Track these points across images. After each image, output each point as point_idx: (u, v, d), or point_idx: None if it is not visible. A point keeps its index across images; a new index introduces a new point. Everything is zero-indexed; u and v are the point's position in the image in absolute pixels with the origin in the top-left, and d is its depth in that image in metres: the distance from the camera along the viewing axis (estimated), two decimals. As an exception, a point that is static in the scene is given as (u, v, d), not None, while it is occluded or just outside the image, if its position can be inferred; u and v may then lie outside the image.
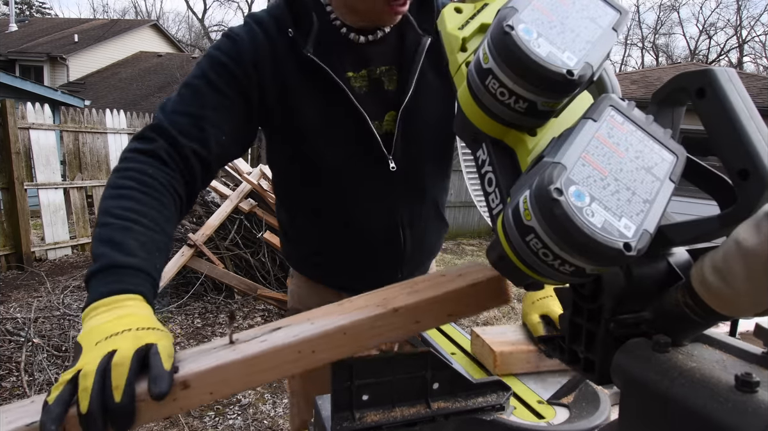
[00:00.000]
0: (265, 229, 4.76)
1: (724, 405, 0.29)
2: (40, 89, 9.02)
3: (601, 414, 0.69)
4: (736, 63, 26.54)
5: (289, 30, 0.98)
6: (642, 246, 0.38)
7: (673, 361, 0.34)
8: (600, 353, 0.44)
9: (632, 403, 0.36)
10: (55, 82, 14.82)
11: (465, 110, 0.53)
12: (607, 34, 0.47)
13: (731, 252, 0.35)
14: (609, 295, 0.42)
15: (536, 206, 0.39)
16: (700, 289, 0.38)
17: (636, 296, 0.42)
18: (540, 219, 0.39)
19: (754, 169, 0.38)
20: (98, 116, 6.51)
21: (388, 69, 1.05)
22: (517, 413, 0.73)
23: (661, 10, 34.29)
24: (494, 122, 0.51)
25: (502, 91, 0.45)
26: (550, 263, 0.40)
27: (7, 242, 5.48)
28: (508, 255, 0.44)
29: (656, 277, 0.43)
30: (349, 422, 0.63)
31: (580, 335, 0.47)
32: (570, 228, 0.37)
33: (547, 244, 0.39)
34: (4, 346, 3.38)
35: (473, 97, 0.50)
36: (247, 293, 4.72)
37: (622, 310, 0.43)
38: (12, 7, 19.58)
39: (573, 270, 0.39)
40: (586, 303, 0.45)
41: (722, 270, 0.36)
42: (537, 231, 0.40)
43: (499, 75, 0.45)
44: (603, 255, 0.37)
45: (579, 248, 0.38)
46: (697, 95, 0.43)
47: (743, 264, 0.34)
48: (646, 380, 0.34)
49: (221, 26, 30.03)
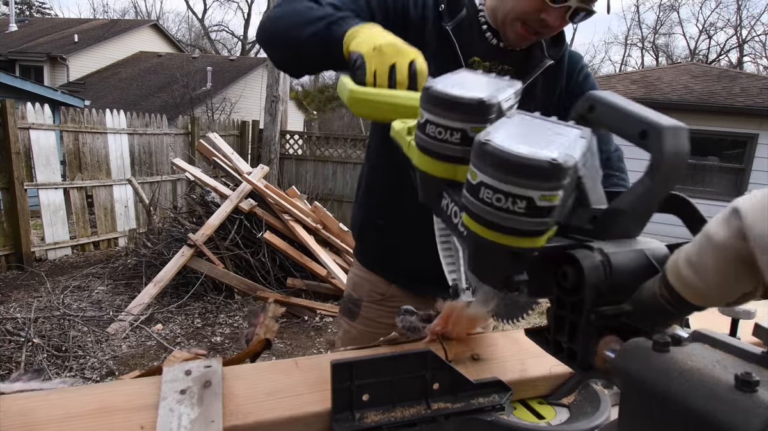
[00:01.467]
0: (265, 229, 4.76)
1: (724, 405, 0.29)
2: (40, 89, 9.02)
3: (601, 414, 0.69)
4: (736, 63, 26.55)
5: (441, 5, 1.18)
6: (568, 162, 0.43)
7: (673, 361, 0.34)
8: (582, 342, 0.47)
9: (632, 403, 0.36)
10: (55, 82, 14.82)
11: (427, 169, 0.59)
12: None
13: (702, 246, 0.37)
14: (590, 288, 0.44)
15: (475, 159, 0.47)
16: (675, 282, 0.40)
17: (616, 289, 0.45)
18: (481, 166, 0.46)
19: (648, 126, 0.46)
20: (98, 116, 6.51)
21: (510, 69, 1.22)
22: (517, 413, 0.73)
23: (661, 10, 34.30)
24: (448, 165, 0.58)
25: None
26: (505, 207, 0.45)
27: (7, 242, 5.49)
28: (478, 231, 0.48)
29: (635, 271, 0.45)
30: (349, 422, 0.63)
31: (564, 326, 0.50)
32: (502, 156, 0.44)
33: (494, 185, 0.45)
34: (4, 346, 3.38)
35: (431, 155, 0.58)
36: (247, 293, 4.72)
37: (603, 302, 0.45)
38: (12, 7, 19.57)
39: (526, 204, 0.44)
40: (569, 296, 0.47)
41: (695, 264, 0.38)
42: (484, 181, 0.46)
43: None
44: (538, 172, 0.43)
45: (517, 172, 0.43)
46: (589, 111, 0.52)
47: (713, 257, 0.36)
48: (646, 380, 0.34)
49: (221, 26, 29.97)
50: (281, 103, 8.95)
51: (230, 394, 0.64)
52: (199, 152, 5.50)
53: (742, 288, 0.37)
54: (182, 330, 4.19)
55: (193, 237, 4.52)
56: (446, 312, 0.77)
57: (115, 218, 6.70)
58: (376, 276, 1.35)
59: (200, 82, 13.83)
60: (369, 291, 1.36)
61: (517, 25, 1.13)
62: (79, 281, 5.06)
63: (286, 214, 4.83)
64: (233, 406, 0.62)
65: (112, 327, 4.00)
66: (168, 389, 0.62)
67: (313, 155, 9.06)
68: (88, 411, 0.58)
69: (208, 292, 4.70)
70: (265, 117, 8.94)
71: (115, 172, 6.67)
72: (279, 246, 4.71)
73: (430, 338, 0.79)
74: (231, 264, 4.81)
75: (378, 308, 1.34)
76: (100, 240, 6.50)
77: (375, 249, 1.36)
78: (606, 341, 0.46)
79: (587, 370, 0.47)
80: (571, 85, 1.27)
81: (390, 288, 1.34)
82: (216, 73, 14.71)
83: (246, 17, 30.45)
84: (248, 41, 30.44)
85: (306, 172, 9.12)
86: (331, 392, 0.62)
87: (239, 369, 0.69)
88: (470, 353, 0.78)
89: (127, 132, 6.88)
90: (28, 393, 0.62)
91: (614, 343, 0.45)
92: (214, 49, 29.36)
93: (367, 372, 0.63)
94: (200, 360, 0.68)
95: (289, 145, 9.26)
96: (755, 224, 0.34)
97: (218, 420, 0.58)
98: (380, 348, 0.78)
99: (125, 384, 0.65)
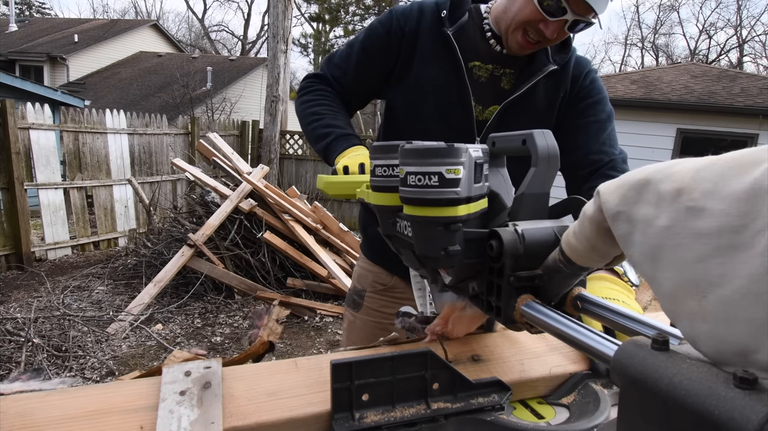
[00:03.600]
0: (265, 229, 4.76)
1: (723, 402, 0.29)
2: (40, 89, 9.02)
3: (601, 414, 0.69)
4: (736, 63, 26.55)
5: (444, 12, 1.24)
6: (461, 147, 0.60)
7: (672, 359, 0.34)
8: (504, 300, 0.60)
9: (631, 402, 0.36)
10: (55, 82, 14.82)
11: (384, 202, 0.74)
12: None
13: (580, 219, 0.49)
14: (508, 256, 0.58)
15: (403, 159, 0.63)
16: (566, 248, 0.52)
17: (529, 257, 0.58)
18: (406, 161, 0.63)
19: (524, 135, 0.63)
20: (98, 116, 6.51)
21: (511, 72, 1.27)
22: (517, 413, 0.73)
23: (661, 10, 34.30)
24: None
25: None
26: (424, 183, 0.61)
27: (7, 242, 5.49)
28: (414, 214, 0.63)
29: (543, 242, 0.58)
30: (348, 422, 0.63)
31: (492, 289, 0.63)
32: (419, 148, 0.62)
33: (416, 170, 0.61)
34: (4, 346, 3.38)
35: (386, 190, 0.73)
36: (247, 293, 4.72)
37: (519, 267, 0.58)
38: (12, 7, 19.58)
39: (438, 178, 0.60)
40: (494, 263, 0.61)
41: (577, 233, 0.50)
42: (409, 170, 0.62)
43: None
44: (441, 152, 0.60)
45: (428, 155, 0.61)
46: (492, 146, 0.69)
47: (586, 227, 0.48)
48: (645, 378, 0.34)
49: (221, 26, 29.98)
50: (281, 103, 8.95)
51: (230, 395, 0.64)
52: (199, 152, 5.50)
53: (611, 251, 0.48)
54: (182, 330, 4.19)
55: (193, 237, 4.52)
56: (446, 313, 0.77)
57: (115, 218, 6.70)
58: (379, 267, 1.41)
59: (200, 82, 13.84)
60: (372, 282, 1.42)
61: (518, 34, 1.17)
62: (79, 281, 5.07)
63: (286, 214, 4.83)
64: (233, 407, 0.62)
65: (112, 327, 4.00)
66: (167, 390, 0.62)
67: (313, 155, 9.06)
68: (87, 413, 0.58)
69: (208, 292, 4.69)
70: (265, 117, 8.95)
71: (115, 172, 6.67)
72: (279, 246, 4.71)
73: (430, 338, 0.79)
74: (231, 264, 4.81)
75: (381, 298, 1.40)
76: (100, 240, 6.50)
77: (379, 242, 1.39)
78: (522, 298, 0.58)
79: (509, 323, 0.61)
80: (576, 90, 1.29)
81: (392, 280, 1.39)
82: (216, 73, 14.72)
83: (246, 17, 30.46)
84: (248, 41, 30.46)
85: (306, 172, 9.12)
86: (331, 392, 0.62)
87: (239, 370, 0.69)
88: (470, 353, 0.78)
89: (127, 132, 6.88)
90: (27, 394, 0.62)
91: (530, 300, 0.58)
92: (214, 49, 29.36)
93: (367, 372, 0.63)
94: (200, 361, 0.68)
95: (289, 145, 9.26)
96: (608, 200, 0.43)
97: (218, 422, 0.58)
98: (380, 348, 0.78)
99: (125, 385, 0.65)
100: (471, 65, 1.24)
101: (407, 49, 1.25)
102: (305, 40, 22.77)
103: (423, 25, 1.24)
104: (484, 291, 0.66)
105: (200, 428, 0.57)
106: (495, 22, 1.23)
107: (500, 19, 1.21)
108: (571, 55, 1.29)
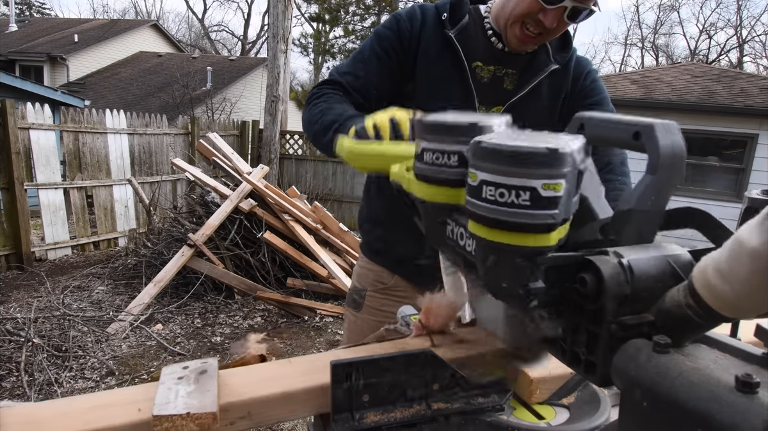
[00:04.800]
0: (265, 229, 4.76)
1: (724, 406, 0.29)
2: (40, 89, 9.01)
3: (601, 415, 0.69)
4: (736, 63, 26.54)
5: (444, 14, 1.23)
6: (565, 149, 0.43)
7: (673, 362, 0.34)
8: (602, 355, 0.44)
9: (632, 404, 0.36)
10: (55, 82, 14.81)
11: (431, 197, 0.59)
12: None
13: (734, 253, 0.34)
14: (610, 296, 0.42)
15: (474, 160, 0.47)
16: (703, 291, 0.37)
17: (638, 297, 0.42)
18: (480, 165, 0.46)
19: (639, 127, 0.47)
20: (98, 116, 6.50)
21: (513, 73, 1.26)
22: (517, 413, 0.73)
23: (661, 10, 34.28)
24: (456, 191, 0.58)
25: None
26: (509, 201, 0.44)
27: (7, 242, 5.48)
28: (486, 238, 0.48)
29: (658, 279, 0.43)
30: (349, 422, 0.63)
31: (582, 336, 0.47)
32: (501, 149, 0.44)
33: (497, 181, 0.45)
34: (4, 346, 3.38)
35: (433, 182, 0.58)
36: (247, 293, 4.72)
37: (624, 311, 0.43)
38: (12, 7, 19.57)
39: (529, 195, 0.43)
40: (588, 303, 0.45)
41: (725, 272, 0.35)
42: (485, 179, 0.46)
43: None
44: (537, 160, 0.43)
45: (517, 162, 0.43)
46: (579, 130, 0.54)
47: (746, 266, 0.33)
48: (646, 381, 0.34)
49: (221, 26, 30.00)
50: (281, 103, 8.94)
51: (225, 383, 0.66)
52: (199, 152, 5.50)
53: None
54: (182, 330, 4.19)
55: (193, 238, 4.51)
56: (426, 305, 0.77)
57: (115, 218, 6.69)
58: (379, 266, 1.41)
59: (200, 82, 13.83)
60: (373, 281, 1.41)
61: (516, 27, 1.16)
62: (79, 281, 5.06)
63: (286, 214, 4.83)
64: (228, 389, 0.64)
65: (112, 327, 4.00)
66: (166, 377, 0.64)
67: (313, 155, 9.06)
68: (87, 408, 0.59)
69: (208, 292, 4.69)
70: (265, 117, 8.94)
71: (115, 172, 6.67)
72: (279, 246, 4.71)
73: (416, 333, 0.79)
74: (231, 264, 4.81)
75: (381, 297, 1.39)
76: (100, 240, 6.50)
77: (378, 241, 1.40)
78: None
79: (607, 384, 0.45)
80: (577, 89, 1.29)
81: (393, 279, 1.39)
82: (216, 73, 14.71)
83: (246, 17, 30.46)
84: (248, 41, 30.45)
85: (306, 172, 9.11)
86: (331, 392, 0.62)
87: (234, 369, 0.71)
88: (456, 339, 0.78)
89: (127, 132, 6.88)
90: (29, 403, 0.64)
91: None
92: (214, 49, 29.35)
93: (367, 373, 0.63)
94: (196, 360, 0.70)
95: (289, 145, 9.26)
96: None
97: (213, 391, 0.61)
98: (375, 347, 0.77)
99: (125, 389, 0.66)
100: (473, 66, 1.24)
101: (415, 51, 1.25)
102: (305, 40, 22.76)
103: (426, 27, 1.24)
104: (567, 338, 0.50)
105: (197, 395, 0.60)
106: (495, 20, 1.23)
107: (499, 16, 1.20)
108: (571, 54, 1.29)
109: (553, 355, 0.53)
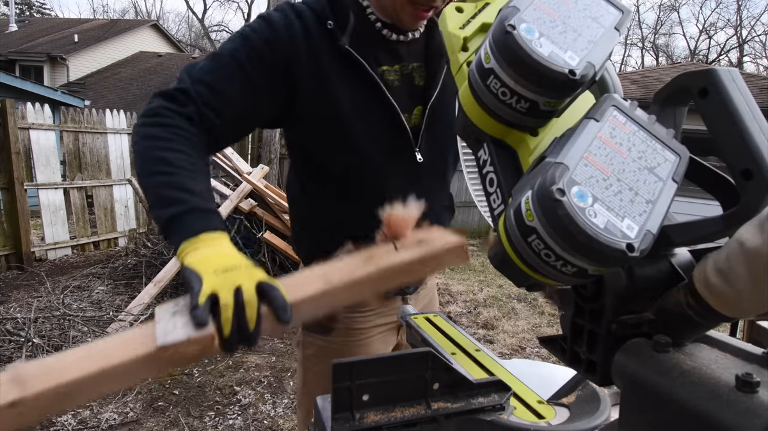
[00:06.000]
0: (265, 229, 4.76)
1: (725, 405, 0.29)
2: (40, 89, 9.02)
3: (601, 414, 0.69)
4: (736, 63, 26.53)
5: (329, 22, 1.03)
6: (645, 247, 0.38)
7: (674, 361, 0.34)
8: (602, 354, 0.44)
9: (633, 403, 0.36)
10: (55, 82, 14.81)
11: (467, 110, 0.53)
12: (609, 34, 0.46)
13: (734, 254, 0.35)
14: (611, 296, 0.42)
15: (539, 207, 0.39)
16: (703, 290, 0.38)
17: (638, 297, 0.42)
18: (542, 220, 0.39)
19: (757, 170, 0.38)
20: (98, 116, 6.50)
21: (419, 66, 1.12)
22: (517, 413, 0.73)
23: (661, 10, 34.29)
24: (496, 122, 0.51)
25: (504, 90, 0.45)
26: (552, 264, 0.40)
27: (7, 242, 5.48)
28: (510, 256, 0.44)
29: (658, 278, 0.43)
30: (349, 422, 0.63)
31: (582, 336, 0.47)
32: (573, 230, 0.37)
33: (550, 245, 0.40)
34: (4, 346, 3.38)
35: (475, 97, 0.51)
36: (247, 293, 4.72)
37: (624, 311, 0.42)
38: (12, 7, 19.58)
39: (575, 271, 0.40)
40: (588, 303, 0.44)
41: (725, 272, 0.35)
42: (539, 232, 0.40)
43: (500, 75, 0.45)
44: (606, 257, 0.37)
45: (582, 249, 0.38)
46: (700, 95, 0.44)
47: (746, 265, 0.34)
48: (647, 380, 0.34)
49: (221, 26, 30.05)
50: (281, 103, 8.94)
51: None
52: (199, 152, 5.49)
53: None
54: (182, 330, 4.19)
55: (193, 237, 4.51)
56: (386, 217, 0.77)
57: (115, 218, 6.69)
58: None
59: (200, 82, 13.82)
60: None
61: (407, 7, 1.02)
62: (79, 281, 5.06)
63: (286, 214, 4.83)
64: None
65: (112, 327, 4.00)
66: (161, 315, 0.66)
67: (313, 155, 9.06)
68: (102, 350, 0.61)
69: (208, 292, 4.69)
70: (265, 117, 8.93)
71: (115, 172, 6.66)
72: (279, 246, 4.71)
73: (381, 241, 0.77)
74: (231, 264, 4.80)
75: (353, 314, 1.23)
76: (100, 240, 6.50)
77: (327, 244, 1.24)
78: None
79: (607, 384, 0.45)
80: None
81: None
82: (216, 73, 14.70)
83: (246, 17, 30.45)
84: (248, 41, 30.39)
85: (306, 172, 9.11)
86: (331, 392, 0.62)
87: None
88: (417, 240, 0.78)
89: (127, 132, 6.87)
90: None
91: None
92: (214, 48, 29.36)
93: (367, 372, 0.63)
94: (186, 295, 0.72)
95: (289, 145, 9.25)
96: None
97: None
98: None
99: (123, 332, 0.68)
100: (381, 71, 1.07)
101: (300, 77, 1.02)
102: (305, 40, 22.74)
103: (311, 43, 1.02)
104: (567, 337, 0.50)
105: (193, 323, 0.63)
106: (379, 8, 1.07)
107: (383, 3, 1.05)
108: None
109: (554, 354, 0.53)
